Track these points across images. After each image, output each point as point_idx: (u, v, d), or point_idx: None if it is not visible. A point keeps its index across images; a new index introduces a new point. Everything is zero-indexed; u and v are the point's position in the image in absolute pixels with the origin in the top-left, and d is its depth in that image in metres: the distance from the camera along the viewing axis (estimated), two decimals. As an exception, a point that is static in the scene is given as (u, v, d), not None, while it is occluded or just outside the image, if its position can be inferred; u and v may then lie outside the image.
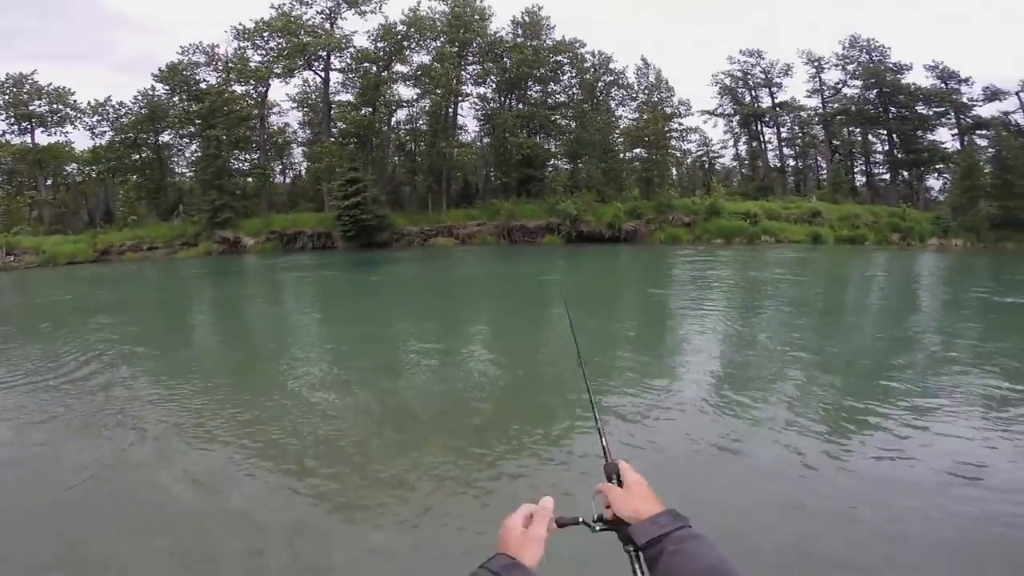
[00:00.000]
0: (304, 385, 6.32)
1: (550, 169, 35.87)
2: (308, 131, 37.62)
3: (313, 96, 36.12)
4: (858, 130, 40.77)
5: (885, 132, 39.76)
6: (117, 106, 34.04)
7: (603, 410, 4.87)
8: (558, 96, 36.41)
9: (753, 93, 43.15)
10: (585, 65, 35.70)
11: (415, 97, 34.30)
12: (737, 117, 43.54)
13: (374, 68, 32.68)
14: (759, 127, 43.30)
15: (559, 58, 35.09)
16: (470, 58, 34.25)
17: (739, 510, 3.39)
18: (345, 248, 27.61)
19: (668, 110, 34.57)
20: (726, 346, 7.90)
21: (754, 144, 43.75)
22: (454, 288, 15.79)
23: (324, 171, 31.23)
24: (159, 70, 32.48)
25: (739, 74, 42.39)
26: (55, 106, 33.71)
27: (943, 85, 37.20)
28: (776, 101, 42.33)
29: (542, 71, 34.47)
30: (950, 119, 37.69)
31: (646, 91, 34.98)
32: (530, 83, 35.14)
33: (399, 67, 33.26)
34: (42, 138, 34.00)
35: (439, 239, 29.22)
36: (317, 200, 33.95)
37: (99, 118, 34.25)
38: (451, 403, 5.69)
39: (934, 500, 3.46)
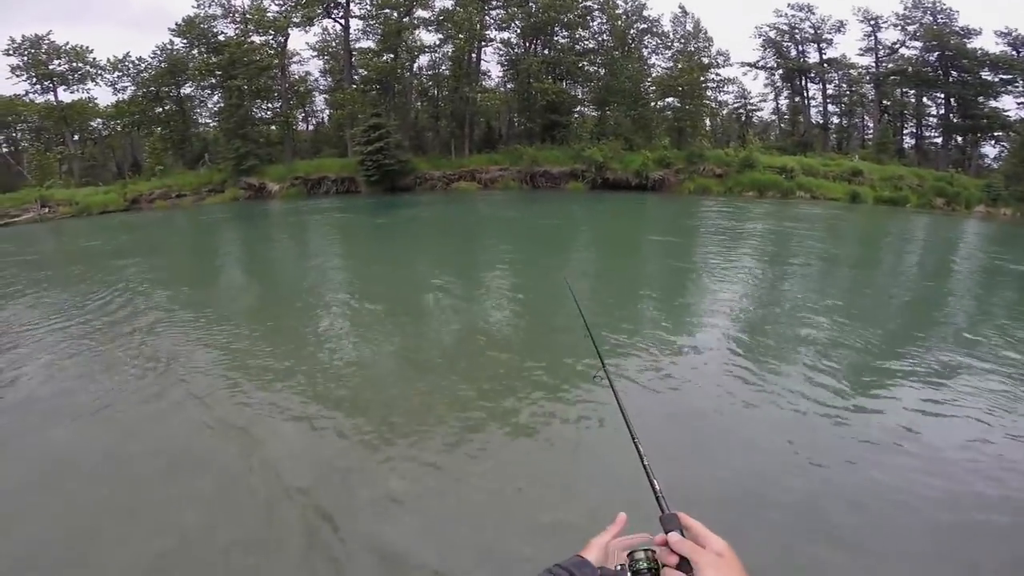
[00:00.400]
0: (327, 330, 6.43)
1: (576, 116, 34.81)
2: (329, 79, 37.19)
3: (334, 44, 35.48)
4: (912, 92, 38.42)
5: (942, 96, 37.42)
6: (136, 61, 34.13)
7: (620, 372, 4.71)
8: (587, 42, 34.94)
9: (800, 48, 40.67)
10: (617, 12, 34.08)
11: (437, 43, 33.41)
12: (780, 71, 41.27)
13: (395, 14, 31.72)
14: (803, 82, 41.07)
15: (588, 3, 33.54)
16: (493, 2, 33.05)
17: (751, 471, 3.36)
18: (368, 192, 27.55)
19: (705, 60, 32.93)
20: (748, 300, 7.63)
21: (796, 99, 41.66)
22: (475, 232, 15.79)
23: (346, 118, 30.93)
24: (176, 24, 32.29)
25: (786, 27, 39.91)
26: (75, 64, 33.84)
27: (1015, 53, 34.55)
28: (824, 57, 39.81)
29: (570, 16, 33.00)
30: (1017, 87, 35.12)
31: (682, 40, 33.36)
32: (557, 28, 33.75)
33: (421, 12, 32.31)
34: (65, 96, 34.31)
35: (461, 183, 28.91)
36: (340, 146, 33.77)
37: (119, 74, 34.43)
38: (470, 348, 5.70)
39: (944, 469, 3.38)
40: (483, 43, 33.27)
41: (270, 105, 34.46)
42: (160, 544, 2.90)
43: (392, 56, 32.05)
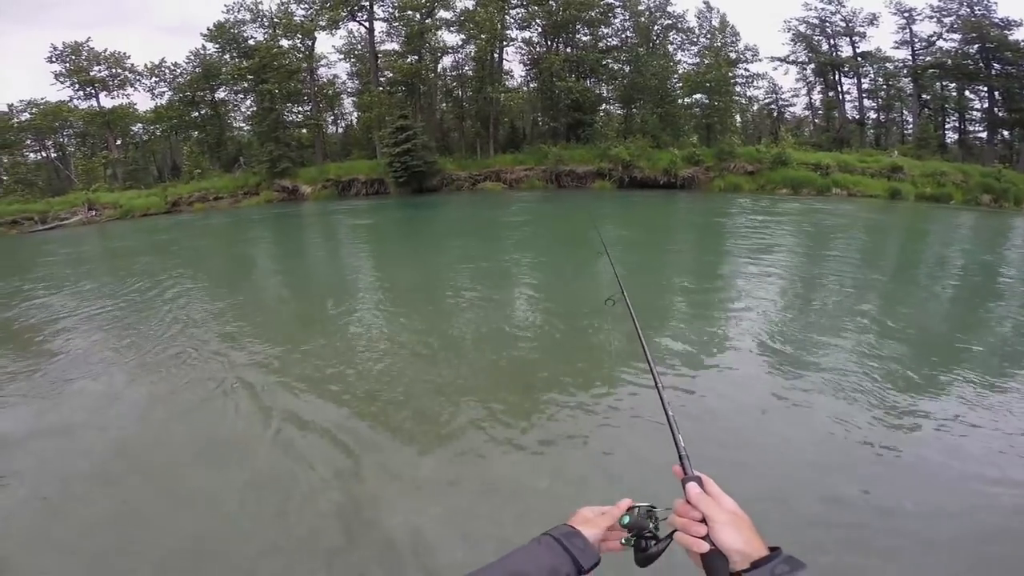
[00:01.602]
0: (359, 325, 6.66)
1: (601, 114, 34.59)
2: (357, 81, 37.82)
3: (359, 47, 36.07)
4: (953, 85, 36.69)
5: (986, 89, 35.60)
6: (172, 67, 35.34)
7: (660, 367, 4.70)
8: (610, 40, 34.66)
9: (831, 41, 39.35)
10: (639, 8, 33.69)
11: (460, 43, 33.70)
12: (812, 65, 40.03)
13: (417, 15, 32.08)
14: (837, 77, 39.74)
15: (610, 0, 33.15)
16: (514, 1, 33.08)
17: (777, 474, 3.33)
18: (397, 193, 28.04)
19: (733, 55, 32.24)
20: (785, 300, 7.45)
21: (830, 94, 40.32)
22: (502, 231, 15.84)
23: (374, 119, 31.44)
24: (208, 29, 33.21)
25: (816, 21, 38.66)
26: (114, 70, 35.23)
27: (1060, 45, 32.73)
28: (858, 51, 38.44)
29: (591, 14, 32.77)
30: (1065, 79, 33.27)
31: (708, 35, 32.76)
32: (578, 26, 33.57)
33: (442, 13, 32.61)
34: (106, 101, 35.78)
35: (487, 183, 29.12)
36: (369, 148, 34.35)
37: (156, 79, 35.71)
38: (496, 345, 5.81)
39: (984, 488, 3.26)
40: (505, 43, 33.43)
41: (301, 108, 35.32)
42: (198, 528, 3.10)
43: (416, 58, 32.48)
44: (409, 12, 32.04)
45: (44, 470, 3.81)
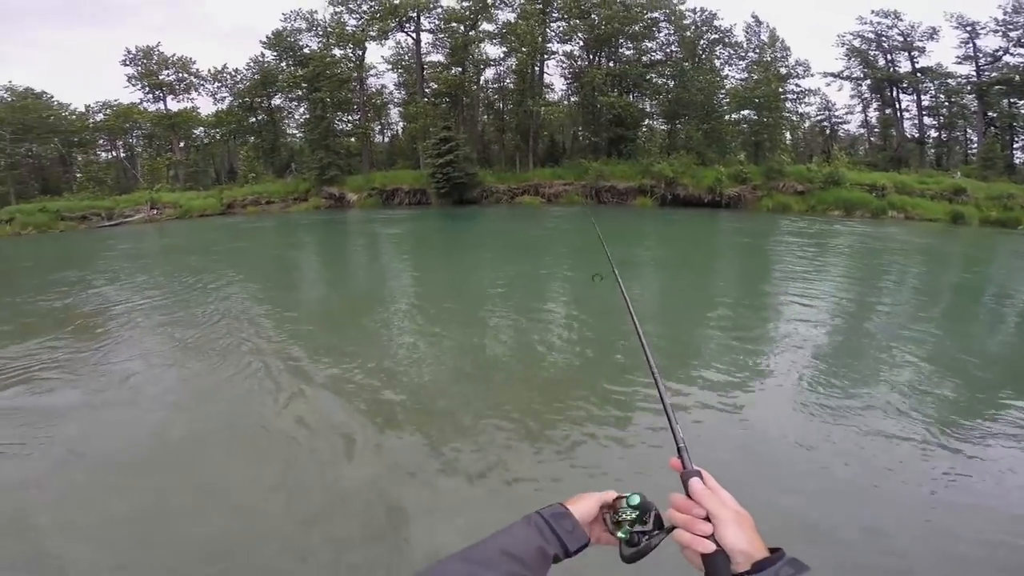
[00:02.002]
0: (394, 333, 6.90)
1: (644, 129, 34.21)
2: (403, 92, 38.91)
3: (406, 57, 37.10)
4: (1022, 102, 34.50)
5: None
6: (233, 73, 37.19)
7: (680, 399, 4.72)
8: (654, 54, 34.37)
9: (888, 56, 37.69)
10: (684, 22, 33.26)
11: (502, 56, 34.24)
12: (868, 81, 38.41)
13: (461, 27, 32.81)
14: (895, 93, 37.99)
15: (654, 14, 32.97)
16: (555, 15, 33.31)
17: (805, 520, 3.17)
18: (438, 204, 28.64)
19: (783, 70, 31.40)
20: (828, 329, 7.06)
21: (887, 111, 38.57)
22: (538, 244, 15.88)
23: (419, 130, 32.25)
24: (267, 37, 34.81)
25: (871, 35, 37.16)
26: (180, 75, 37.27)
27: None
28: (917, 66, 36.70)
29: (635, 28, 32.65)
30: None
31: (757, 50, 32.03)
32: (621, 40, 33.47)
33: (485, 25, 33.29)
34: (172, 105, 37.99)
35: (525, 197, 29.32)
36: (413, 158, 35.29)
37: (219, 84, 37.65)
38: (527, 359, 5.87)
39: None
40: (546, 56, 33.71)
41: (350, 117, 36.58)
42: (225, 525, 3.20)
43: (460, 69, 33.17)
44: (454, 24, 32.82)
45: (82, 457, 4.06)
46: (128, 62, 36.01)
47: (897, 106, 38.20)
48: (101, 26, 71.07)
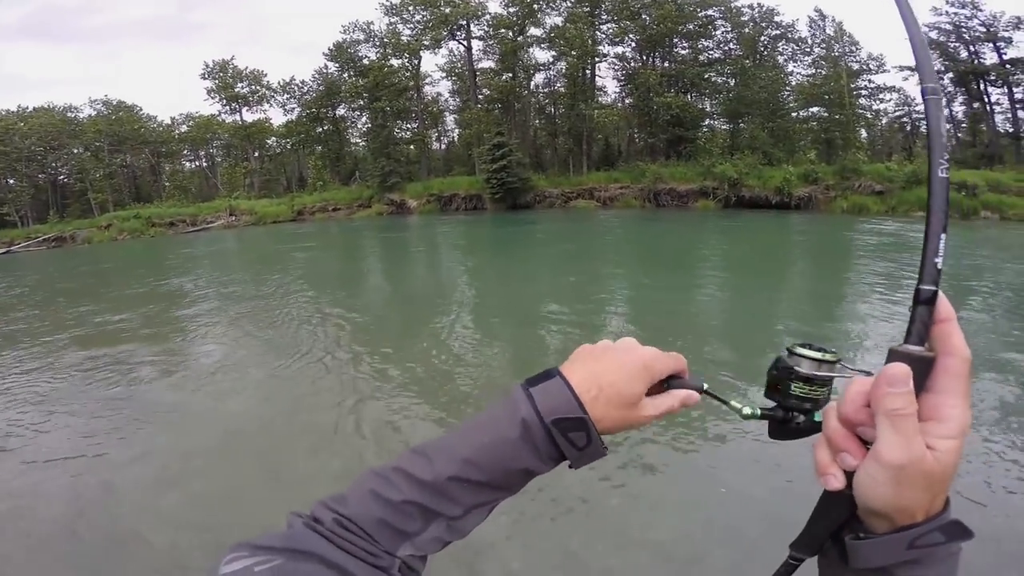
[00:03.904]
0: (460, 336, 7.17)
1: (705, 130, 33.22)
2: (457, 99, 39.81)
3: (459, 65, 37.97)
4: None
5: None
6: (300, 84, 39.21)
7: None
8: (712, 52, 33.32)
9: (972, 48, 34.68)
10: (742, 19, 32.05)
11: (551, 60, 34.35)
12: (950, 75, 35.57)
13: (510, 33, 33.20)
14: (982, 86, 34.92)
15: (709, 12, 31.97)
16: (604, 17, 32.98)
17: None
18: (493, 209, 29.19)
19: (854, 66, 29.66)
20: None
21: (975, 106, 35.49)
22: (594, 250, 15.77)
23: (473, 136, 32.95)
24: (328, 49, 36.44)
25: (949, 27, 34.34)
26: (253, 87, 39.63)
27: None
28: (1005, 57, 33.55)
29: (689, 27, 31.82)
30: None
31: (823, 44, 30.44)
32: (676, 40, 32.69)
33: (533, 31, 33.55)
34: (247, 116, 40.54)
35: (579, 201, 29.26)
36: (468, 164, 36.03)
37: (288, 96, 39.75)
38: None
39: None
40: (596, 58, 33.43)
41: (409, 125, 37.90)
42: (287, 509, 3.59)
43: (510, 75, 33.59)
44: (503, 30, 33.25)
45: (170, 444, 4.57)
46: (207, 75, 38.69)
47: (986, 99, 35.06)
48: (178, 40, 77.44)
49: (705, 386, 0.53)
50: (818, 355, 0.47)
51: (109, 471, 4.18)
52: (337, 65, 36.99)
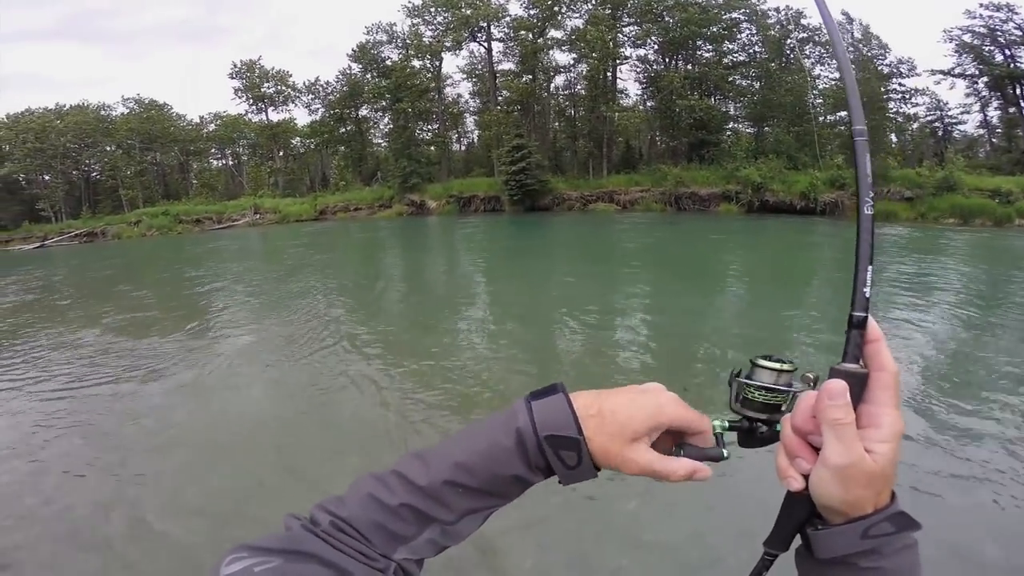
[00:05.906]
0: (477, 333, 7.23)
1: (729, 133, 32.75)
2: (478, 100, 39.97)
3: (479, 67, 38.14)
4: None
5: None
6: (324, 85, 39.75)
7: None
8: (736, 55, 32.84)
9: (1008, 51, 33.43)
10: (768, 21, 31.50)
11: (571, 62, 34.21)
12: (984, 79, 34.33)
13: (530, 35, 33.24)
14: (1018, 91, 33.68)
15: (734, 15, 31.49)
16: (625, 19, 32.74)
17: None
18: (511, 211, 29.21)
19: (884, 69, 28.88)
20: (945, 356, 6.04)
21: (1011, 110, 34.21)
22: (613, 254, 15.69)
23: (493, 138, 33.06)
24: (352, 50, 36.93)
25: (983, 30, 33.16)
26: (279, 87, 40.34)
27: None
28: None
29: (713, 30, 31.36)
30: None
31: (851, 48, 29.67)
32: (699, 42, 32.29)
33: (553, 33, 33.47)
34: (272, 116, 41.29)
35: (599, 204, 29.09)
36: (488, 166, 36.13)
37: (312, 96, 40.33)
38: (593, 367, 5.84)
39: None
40: (618, 61, 33.18)
41: (430, 127, 38.20)
42: (308, 506, 3.57)
43: (531, 77, 33.60)
44: (523, 32, 33.27)
45: (189, 437, 4.65)
46: (234, 75, 39.59)
47: (1022, 104, 33.76)
48: (206, 42, 79.66)
49: (725, 453, 0.52)
50: (776, 365, 0.50)
51: (127, 465, 4.23)
52: (360, 66, 37.50)
